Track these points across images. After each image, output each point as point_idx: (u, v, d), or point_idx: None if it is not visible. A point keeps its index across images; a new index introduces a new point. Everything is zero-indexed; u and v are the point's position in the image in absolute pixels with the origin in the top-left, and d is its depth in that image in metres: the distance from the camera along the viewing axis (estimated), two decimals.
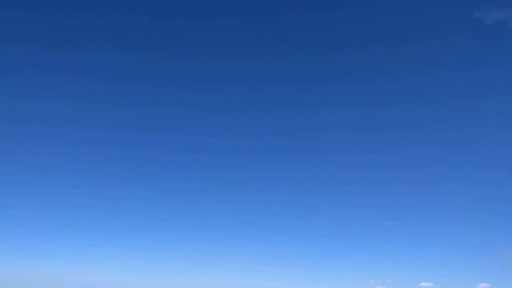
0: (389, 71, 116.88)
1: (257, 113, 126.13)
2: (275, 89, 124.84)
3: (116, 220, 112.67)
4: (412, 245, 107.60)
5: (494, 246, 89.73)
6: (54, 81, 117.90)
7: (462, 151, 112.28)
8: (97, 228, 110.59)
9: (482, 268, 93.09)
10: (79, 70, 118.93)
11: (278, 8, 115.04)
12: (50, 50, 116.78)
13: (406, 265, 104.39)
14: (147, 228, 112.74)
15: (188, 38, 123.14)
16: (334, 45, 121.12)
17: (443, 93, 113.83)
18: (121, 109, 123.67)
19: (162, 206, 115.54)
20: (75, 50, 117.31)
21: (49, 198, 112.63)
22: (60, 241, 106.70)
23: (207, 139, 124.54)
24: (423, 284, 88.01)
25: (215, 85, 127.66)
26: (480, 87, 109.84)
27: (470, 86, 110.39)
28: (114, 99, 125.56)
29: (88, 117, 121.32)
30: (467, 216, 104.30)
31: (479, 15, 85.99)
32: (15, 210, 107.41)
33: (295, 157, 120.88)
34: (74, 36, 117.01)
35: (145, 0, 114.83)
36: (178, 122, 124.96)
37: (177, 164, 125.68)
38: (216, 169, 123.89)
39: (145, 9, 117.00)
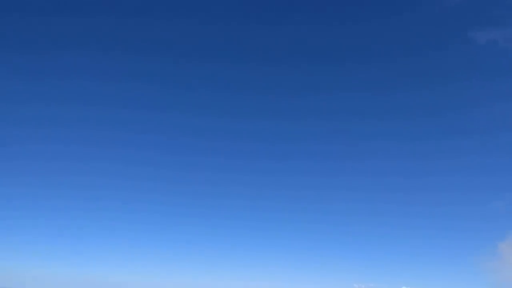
0: (390, 84, 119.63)
1: (252, 121, 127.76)
2: (269, 97, 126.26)
3: (119, 223, 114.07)
4: (395, 250, 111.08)
5: (470, 253, 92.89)
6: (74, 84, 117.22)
7: (435, 159, 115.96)
8: (101, 230, 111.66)
9: (457, 275, 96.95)
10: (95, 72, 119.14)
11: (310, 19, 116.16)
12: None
13: (389, 269, 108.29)
14: (146, 231, 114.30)
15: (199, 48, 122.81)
16: (355, 56, 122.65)
17: (434, 107, 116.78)
18: (129, 112, 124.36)
19: (160, 210, 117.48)
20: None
21: (56, 200, 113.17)
22: (72, 243, 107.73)
23: (210, 143, 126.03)
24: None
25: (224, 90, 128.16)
26: (469, 100, 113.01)
27: (460, 100, 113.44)
28: (120, 101, 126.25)
29: (104, 120, 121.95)
30: (448, 223, 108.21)
31: (473, 34, 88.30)
32: (23, 212, 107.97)
33: (285, 164, 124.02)
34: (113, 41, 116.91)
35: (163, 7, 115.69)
36: (184, 126, 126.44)
37: (180, 167, 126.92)
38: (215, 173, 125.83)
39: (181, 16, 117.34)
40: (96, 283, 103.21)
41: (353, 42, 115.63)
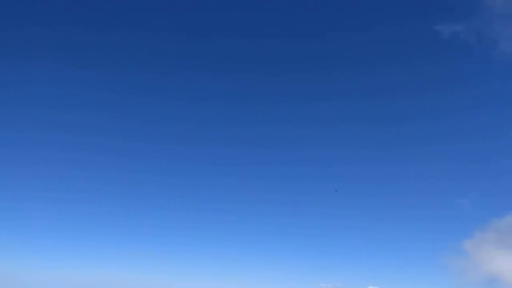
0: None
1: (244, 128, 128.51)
2: (272, 106, 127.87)
3: (120, 225, 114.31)
4: (361, 250, 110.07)
5: (434, 252, 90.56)
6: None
7: (402, 164, 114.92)
8: (101, 232, 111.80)
9: (423, 274, 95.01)
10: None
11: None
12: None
13: (355, 268, 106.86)
14: (142, 232, 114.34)
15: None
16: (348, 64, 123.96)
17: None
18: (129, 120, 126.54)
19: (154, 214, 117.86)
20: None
21: (57, 201, 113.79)
22: (73, 242, 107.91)
23: (208, 149, 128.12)
24: (370, 287, 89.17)
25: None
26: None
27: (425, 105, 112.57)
28: (124, 111, 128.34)
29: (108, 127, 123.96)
30: (413, 223, 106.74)
31: (438, 28, 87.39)
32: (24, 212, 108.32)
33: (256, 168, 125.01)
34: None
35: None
36: (183, 133, 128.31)
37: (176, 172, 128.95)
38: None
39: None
40: (95, 284, 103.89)
41: (321, 52, 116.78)
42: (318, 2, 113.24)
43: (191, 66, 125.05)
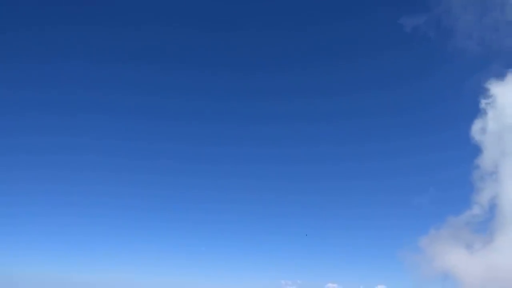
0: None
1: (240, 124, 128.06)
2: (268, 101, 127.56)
3: (117, 223, 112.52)
4: (321, 248, 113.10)
5: (392, 249, 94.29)
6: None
7: (369, 160, 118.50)
8: (101, 231, 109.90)
9: (381, 270, 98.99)
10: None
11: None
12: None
13: (315, 266, 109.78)
14: (141, 233, 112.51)
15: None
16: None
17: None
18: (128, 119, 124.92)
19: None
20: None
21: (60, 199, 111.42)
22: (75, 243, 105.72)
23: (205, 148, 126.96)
24: (329, 285, 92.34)
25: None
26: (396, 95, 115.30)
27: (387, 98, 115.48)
28: (123, 110, 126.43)
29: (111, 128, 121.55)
30: (368, 224, 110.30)
31: (402, 21, 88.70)
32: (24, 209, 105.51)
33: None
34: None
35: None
36: (181, 131, 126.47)
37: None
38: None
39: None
40: (101, 283, 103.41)
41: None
42: None
43: (182, 62, 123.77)
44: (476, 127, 57.69)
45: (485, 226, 62.25)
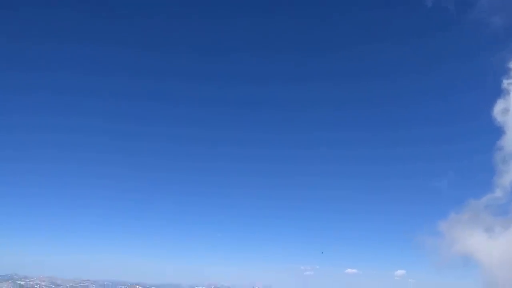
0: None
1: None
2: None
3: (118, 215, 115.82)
4: (339, 235, 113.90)
5: (411, 234, 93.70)
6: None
7: (383, 147, 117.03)
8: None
9: (400, 256, 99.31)
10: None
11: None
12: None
13: (334, 253, 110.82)
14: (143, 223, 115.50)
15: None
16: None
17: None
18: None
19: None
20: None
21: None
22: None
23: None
24: (348, 270, 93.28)
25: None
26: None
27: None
28: (134, 95, 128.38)
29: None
30: (387, 210, 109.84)
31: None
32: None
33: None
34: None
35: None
36: (188, 118, 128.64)
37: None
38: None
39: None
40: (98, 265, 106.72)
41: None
42: None
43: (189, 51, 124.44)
44: (498, 108, 56.07)
45: (507, 209, 60.93)
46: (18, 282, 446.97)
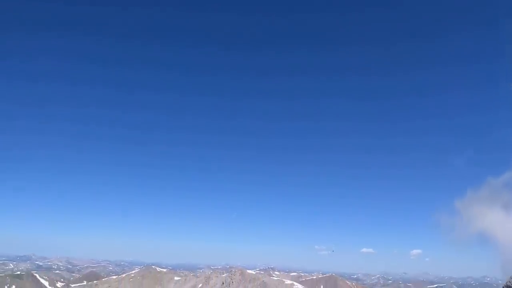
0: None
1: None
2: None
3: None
4: (354, 214, 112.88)
5: (427, 212, 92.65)
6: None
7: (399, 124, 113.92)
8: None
9: (416, 235, 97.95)
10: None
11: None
12: None
13: (349, 232, 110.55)
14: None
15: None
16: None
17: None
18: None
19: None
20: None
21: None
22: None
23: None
24: (364, 249, 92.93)
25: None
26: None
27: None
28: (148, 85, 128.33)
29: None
30: (403, 187, 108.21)
31: None
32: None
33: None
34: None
35: None
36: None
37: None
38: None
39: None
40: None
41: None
42: None
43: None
44: None
45: None
46: (36, 262, 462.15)
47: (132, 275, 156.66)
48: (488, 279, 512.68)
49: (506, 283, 10.81)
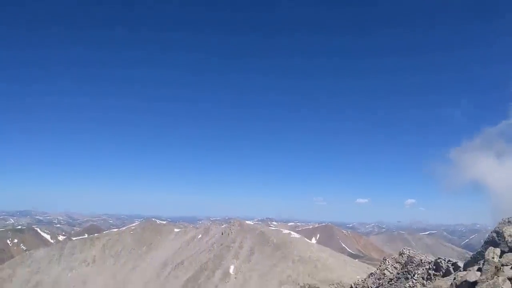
0: None
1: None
2: None
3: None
4: (350, 166, 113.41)
5: (422, 162, 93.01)
6: None
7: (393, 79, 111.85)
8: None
9: (410, 185, 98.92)
10: None
11: None
12: None
13: (345, 183, 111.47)
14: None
15: None
16: None
17: None
18: None
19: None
20: None
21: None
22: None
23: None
24: (359, 200, 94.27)
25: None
26: None
27: None
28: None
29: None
30: (399, 138, 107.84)
31: None
32: None
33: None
34: None
35: None
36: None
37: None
38: None
39: None
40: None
41: None
42: None
43: None
44: None
45: None
46: (37, 217, 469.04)
47: (133, 227, 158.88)
48: (478, 225, 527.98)
49: (494, 228, 10.47)
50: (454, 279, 11.38)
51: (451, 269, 17.39)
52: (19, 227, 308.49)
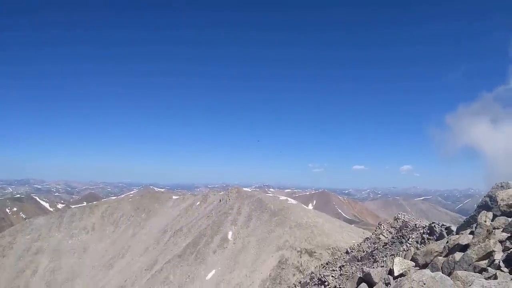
0: None
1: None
2: None
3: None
4: (346, 132, 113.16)
5: (418, 128, 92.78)
6: None
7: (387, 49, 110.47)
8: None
9: (406, 151, 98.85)
10: None
11: None
12: None
13: (340, 150, 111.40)
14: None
15: None
16: None
17: None
18: None
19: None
20: None
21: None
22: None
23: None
24: (355, 167, 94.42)
25: None
26: None
27: None
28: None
29: None
30: (395, 104, 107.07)
31: None
32: None
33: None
34: None
35: None
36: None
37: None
38: None
39: None
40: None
41: None
42: None
43: None
44: None
45: None
46: (35, 185, 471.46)
47: (131, 195, 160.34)
48: (472, 190, 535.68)
49: (488, 193, 10.68)
50: (447, 242, 11.69)
51: (444, 233, 17.82)
52: (18, 195, 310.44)
